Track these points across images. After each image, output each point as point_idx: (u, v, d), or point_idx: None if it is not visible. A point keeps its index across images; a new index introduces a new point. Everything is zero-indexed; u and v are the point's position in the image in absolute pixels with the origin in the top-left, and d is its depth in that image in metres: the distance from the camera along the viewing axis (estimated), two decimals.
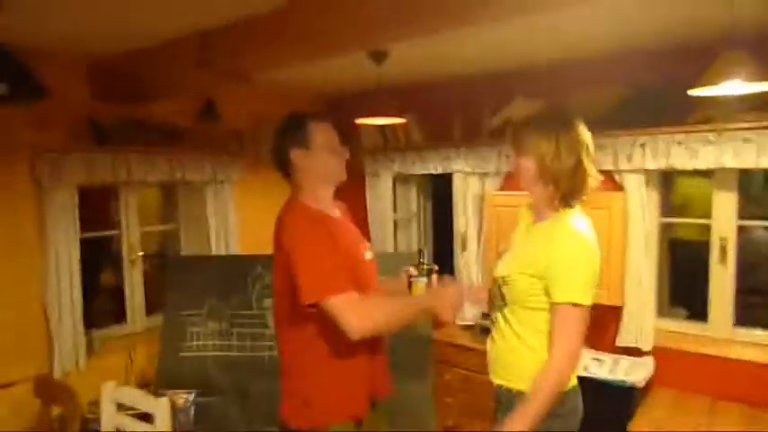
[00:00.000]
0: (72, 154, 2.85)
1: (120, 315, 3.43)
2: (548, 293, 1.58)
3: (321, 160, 1.74)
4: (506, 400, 1.69)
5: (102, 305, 3.57)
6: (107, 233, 3.41)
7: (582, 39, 2.77)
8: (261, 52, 2.22)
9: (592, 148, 1.66)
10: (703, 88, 1.89)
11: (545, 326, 1.61)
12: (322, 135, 1.76)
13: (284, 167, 1.78)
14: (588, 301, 1.55)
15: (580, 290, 1.53)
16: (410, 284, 1.92)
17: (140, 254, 3.47)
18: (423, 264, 1.96)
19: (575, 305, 1.53)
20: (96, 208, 3.49)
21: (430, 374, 2.72)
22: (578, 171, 1.60)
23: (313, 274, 1.55)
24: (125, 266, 3.40)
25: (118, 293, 3.45)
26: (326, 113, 4.51)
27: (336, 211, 1.86)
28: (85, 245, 3.07)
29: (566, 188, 1.60)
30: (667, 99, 2.85)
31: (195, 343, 2.88)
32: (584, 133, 1.64)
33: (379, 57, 2.74)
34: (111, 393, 2.14)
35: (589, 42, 2.84)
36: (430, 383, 2.69)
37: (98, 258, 3.56)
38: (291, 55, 2.22)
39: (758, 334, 2.89)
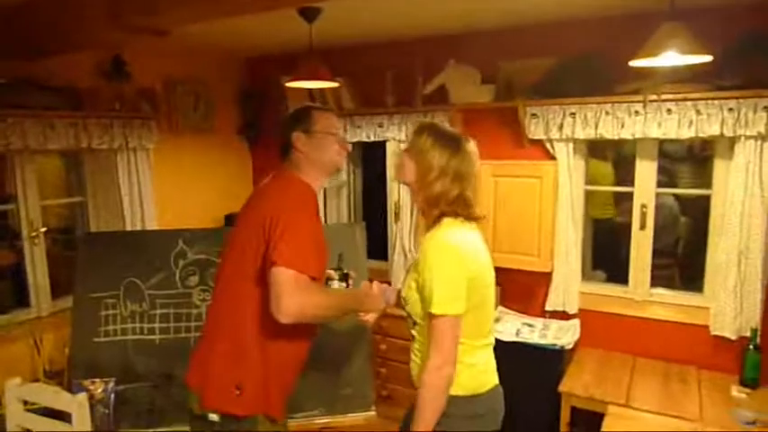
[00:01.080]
0: None
1: (22, 298, 3.09)
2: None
3: (321, 145, 1.78)
4: None
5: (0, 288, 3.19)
6: (6, 207, 3.02)
7: (517, 7, 2.73)
8: (179, 5, 1.97)
9: (473, 178, 1.66)
10: (643, 59, 1.90)
11: None
12: (325, 121, 1.81)
13: (286, 149, 1.81)
14: (455, 311, 1.55)
15: (446, 300, 1.55)
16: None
17: (42, 230, 3.11)
18: (341, 269, 2.00)
19: (442, 315, 1.55)
20: None
21: (367, 344, 2.67)
22: (457, 197, 1.62)
23: (295, 245, 1.55)
24: (25, 245, 3.04)
25: (19, 275, 3.10)
26: (248, 73, 4.26)
27: None
28: None
29: (434, 204, 1.64)
30: (597, 70, 2.90)
31: (111, 327, 2.63)
32: (472, 162, 1.65)
33: (310, 14, 2.54)
34: (17, 391, 1.89)
35: (524, 11, 2.80)
36: (367, 353, 2.64)
37: None
38: (213, 9, 1.99)
39: (669, 294, 3.09)
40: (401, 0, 2.56)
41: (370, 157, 4.15)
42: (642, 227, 3.06)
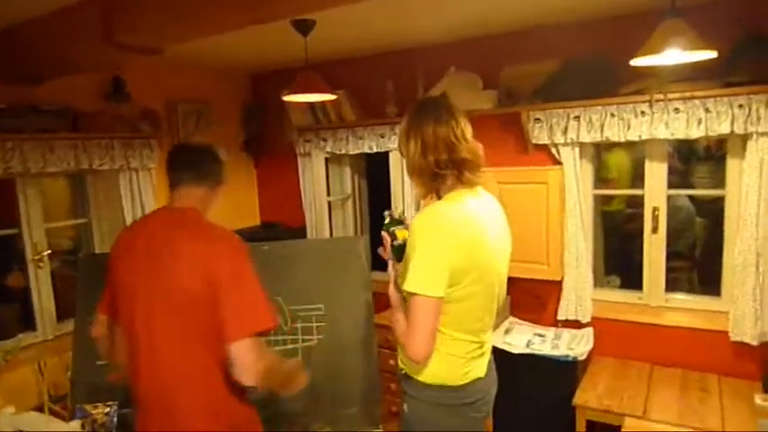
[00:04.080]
0: None
1: (28, 322, 3.07)
2: None
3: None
4: (404, 383, 1.68)
5: (6, 312, 3.18)
6: (7, 232, 3.01)
7: (514, 11, 2.68)
8: (171, 22, 1.95)
9: (460, 138, 1.56)
10: (645, 57, 1.83)
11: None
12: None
13: (202, 180, 1.70)
14: (429, 292, 1.45)
15: (419, 279, 1.46)
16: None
17: (47, 252, 3.11)
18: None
19: (414, 294, 1.47)
20: None
21: (374, 360, 2.61)
22: (427, 160, 1.55)
23: (253, 307, 1.50)
24: (30, 268, 3.03)
25: (25, 298, 3.09)
26: (251, 89, 4.25)
27: None
28: None
29: (424, 182, 1.59)
30: (599, 71, 2.84)
31: None
32: (438, 122, 1.56)
33: (304, 27, 2.52)
34: (11, 420, 1.86)
35: (522, 15, 2.75)
36: (375, 367, 2.58)
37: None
38: (202, 26, 1.97)
39: (686, 299, 2.98)
40: (395, 11, 2.52)
41: (375, 168, 4.11)
42: (654, 230, 2.96)
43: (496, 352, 2.88)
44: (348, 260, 2.59)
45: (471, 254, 1.50)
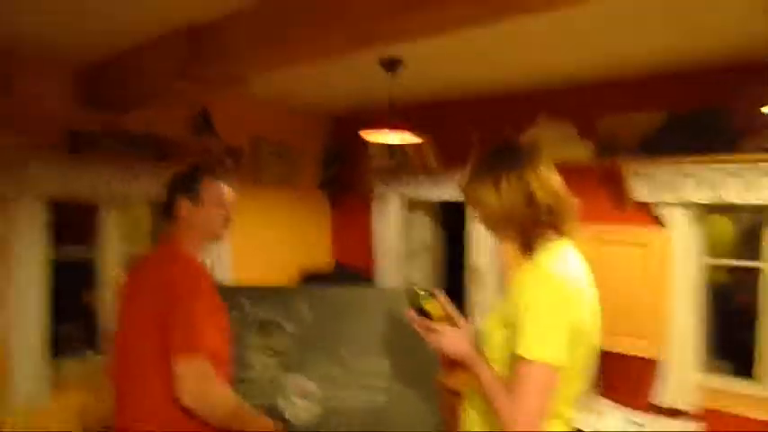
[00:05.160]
0: (40, 162, 2.55)
1: (94, 342, 3.08)
2: None
3: (206, 216, 1.74)
4: None
5: (76, 331, 3.23)
6: (85, 254, 3.07)
7: (615, 58, 2.48)
8: (251, 51, 1.91)
9: (551, 182, 1.40)
10: None
11: None
12: (213, 191, 1.76)
13: (168, 212, 1.76)
14: (550, 359, 1.24)
15: (540, 344, 1.24)
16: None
17: (118, 276, 3.14)
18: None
19: (533, 362, 1.24)
20: (75, 225, 3.18)
21: (436, 416, 2.33)
22: (531, 209, 1.37)
23: (194, 332, 1.53)
24: (100, 289, 3.06)
25: (92, 318, 3.12)
26: (334, 130, 4.24)
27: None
28: (63, 266, 2.82)
29: (523, 231, 1.40)
30: (717, 125, 2.52)
31: None
32: (537, 169, 1.40)
33: (391, 65, 2.44)
34: None
35: (623, 61, 2.55)
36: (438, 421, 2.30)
37: (76, 280, 3.23)
38: (286, 56, 1.91)
39: None
40: (483, 50, 2.39)
41: (453, 219, 3.92)
42: None
43: None
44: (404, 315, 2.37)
45: (582, 315, 1.32)
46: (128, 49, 2.41)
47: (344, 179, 4.15)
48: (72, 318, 3.26)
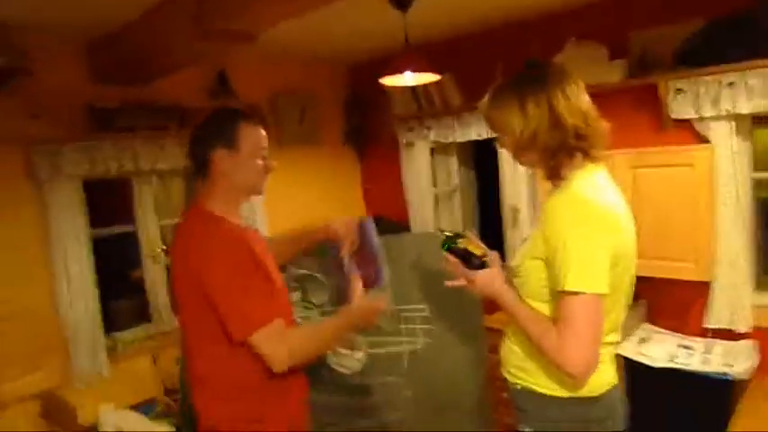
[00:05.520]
0: (69, 143, 2.58)
1: (144, 315, 3.20)
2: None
3: (246, 167, 1.53)
4: (521, 399, 1.46)
5: (124, 306, 3.34)
6: (124, 229, 3.14)
7: None
8: (259, 3, 1.84)
9: (579, 103, 1.31)
10: None
11: None
12: (254, 138, 1.54)
13: (201, 168, 1.53)
14: (596, 289, 1.20)
15: (584, 275, 1.20)
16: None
17: (162, 248, 3.21)
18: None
19: (578, 293, 1.20)
20: (110, 202, 3.24)
21: (484, 365, 2.33)
22: (558, 131, 1.29)
23: (239, 309, 1.43)
24: (144, 263, 3.15)
25: (142, 292, 3.22)
26: (351, 80, 4.13)
27: (243, 222, 1.63)
28: (102, 243, 2.87)
29: (551, 156, 1.33)
30: (756, 27, 2.32)
31: None
32: (566, 90, 1.30)
33: (402, 3, 2.31)
34: (110, 418, 1.87)
35: None
36: (485, 375, 2.31)
37: (117, 256, 3.32)
38: (294, 5, 1.83)
39: None
40: None
41: (481, 158, 3.82)
42: None
43: (631, 365, 2.49)
44: (428, 260, 2.34)
45: (620, 239, 1.28)
46: (137, 19, 2.36)
47: (369, 130, 4.08)
48: (123, 295, 3.39)
